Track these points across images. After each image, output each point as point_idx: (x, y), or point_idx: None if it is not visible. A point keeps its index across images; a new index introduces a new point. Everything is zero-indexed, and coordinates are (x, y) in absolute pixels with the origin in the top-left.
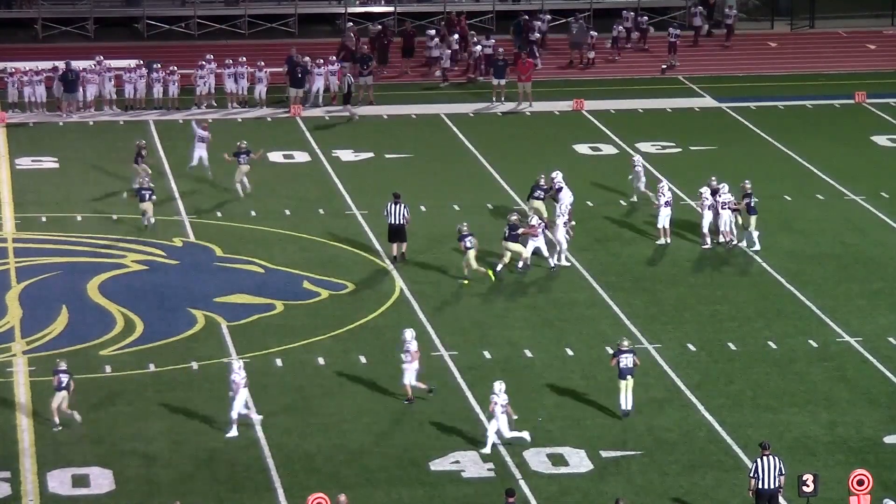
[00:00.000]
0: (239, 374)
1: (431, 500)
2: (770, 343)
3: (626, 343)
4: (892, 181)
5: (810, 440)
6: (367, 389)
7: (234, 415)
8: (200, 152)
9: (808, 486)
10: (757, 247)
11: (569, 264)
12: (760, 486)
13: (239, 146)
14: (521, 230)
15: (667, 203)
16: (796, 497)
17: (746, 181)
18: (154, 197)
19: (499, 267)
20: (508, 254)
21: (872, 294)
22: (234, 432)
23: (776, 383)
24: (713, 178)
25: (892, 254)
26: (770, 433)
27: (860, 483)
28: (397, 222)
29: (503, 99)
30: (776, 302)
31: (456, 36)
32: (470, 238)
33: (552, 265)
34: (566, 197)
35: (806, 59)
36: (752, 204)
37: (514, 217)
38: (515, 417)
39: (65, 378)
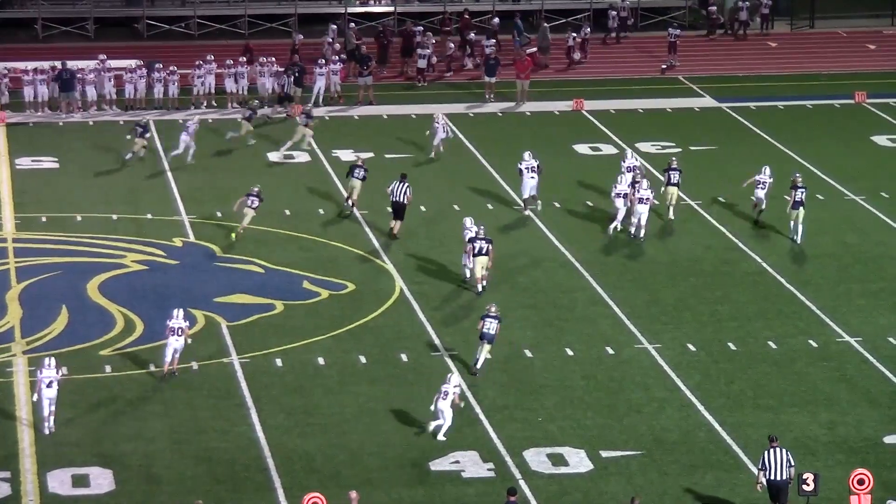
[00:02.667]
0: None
1: (431, 500)
2: (770, 343)
3: (493, 309)
4: (892, 181)
5: (810, 440)
6: (367, 389)
7: None
8: (187, 141)
9: (808, 484)
10: (799, 240)
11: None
12: (770, 478)
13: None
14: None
15: (643, 200)
16: (797, 496)
17: (797, 174)
18: (148, 135)
19: (474, 283)
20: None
21: (872, 294)
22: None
23: (776, 383)
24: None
25: (892, 254)
26: (770, 433)
27: (860, 482)
28: (399, 200)
29: (492, 97)
30: (776, 302)
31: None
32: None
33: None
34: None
35: (806, 59)
36: (801, 198)
37: (476, 229)
38: (461, 405)
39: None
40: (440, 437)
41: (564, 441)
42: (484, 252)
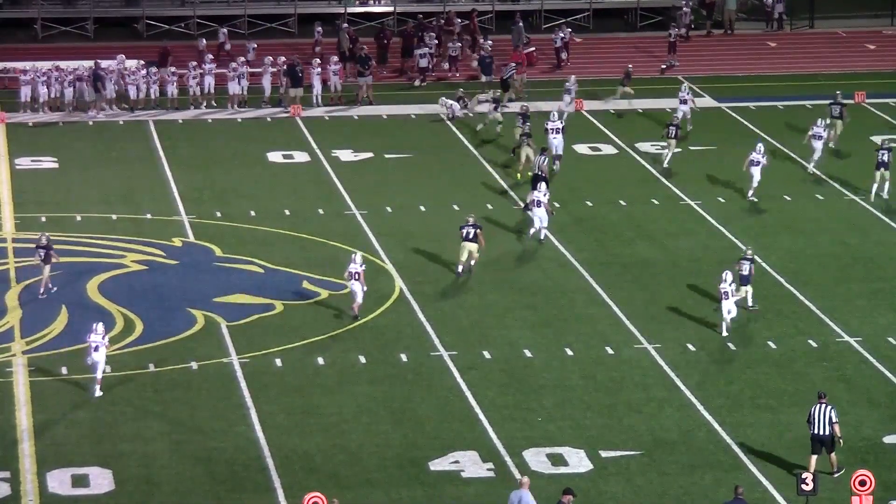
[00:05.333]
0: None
1: (431, 500)
2: (770, 343)
3: (471, 219)
4: (892, 181)
5: (810, 440)
6: (367, 389)
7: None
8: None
9: (807, 484)
10: (885, 196)
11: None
12: (814, 432)
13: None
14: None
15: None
16: (795, 496)
17: (885, 138)
18: None
19: (460, 269)
20: (465, 252)
21: (872, 294)
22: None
23: (776, 383)
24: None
25: (892, 254)
26: (770, 433)
27: (862, 483)
28: (538, 172)
29: (491, 95)
30: (776, 302)
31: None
32: (474, 230)
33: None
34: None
35: (806, 59)
36: (884, 159)
37: (471, 219)
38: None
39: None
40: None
41: (564, 441)
42: (471, 237)
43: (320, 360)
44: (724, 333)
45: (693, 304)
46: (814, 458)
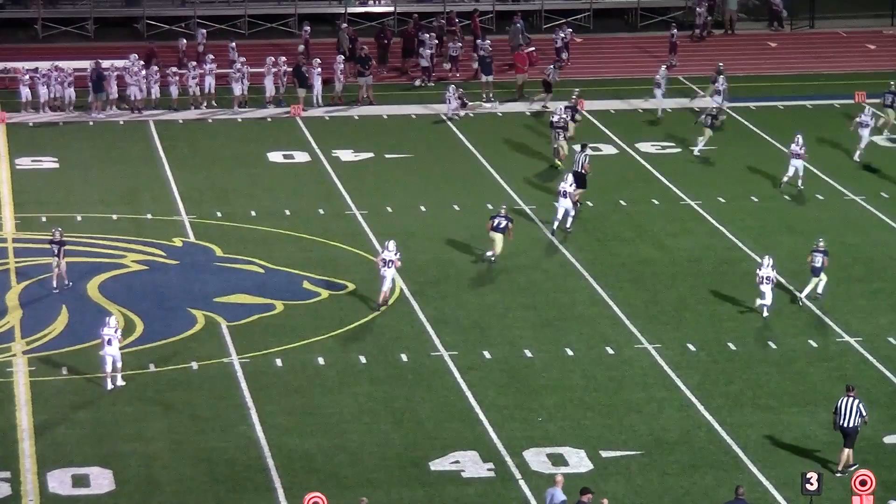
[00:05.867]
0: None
1: (431, 500)
2: (770, 343)
3: (503, 210)
4: (892, 181)
5: (810, 440)
6: (367, 389)
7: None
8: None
9: (811, 484)
10: None
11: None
12: (842, 424)
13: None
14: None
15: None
16: (799, 495)
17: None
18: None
19: (492, 258)
20: (497, 243)
21: (872, 294)
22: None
23: (776, 383)
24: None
25: (892, 254)
26: (770, 433)
27: (863, 483)
28: (578, 169)
29: (491, 96)
30: (776, 302)
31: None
32: (506, 221)
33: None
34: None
35: (806, 59)
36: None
37: (503, 210)
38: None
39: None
40: None
41: (564, 441)
42: (500, 228)
43: (320, 360)
44: (765, 314)
45: (693, 304)
46: (846, 451)
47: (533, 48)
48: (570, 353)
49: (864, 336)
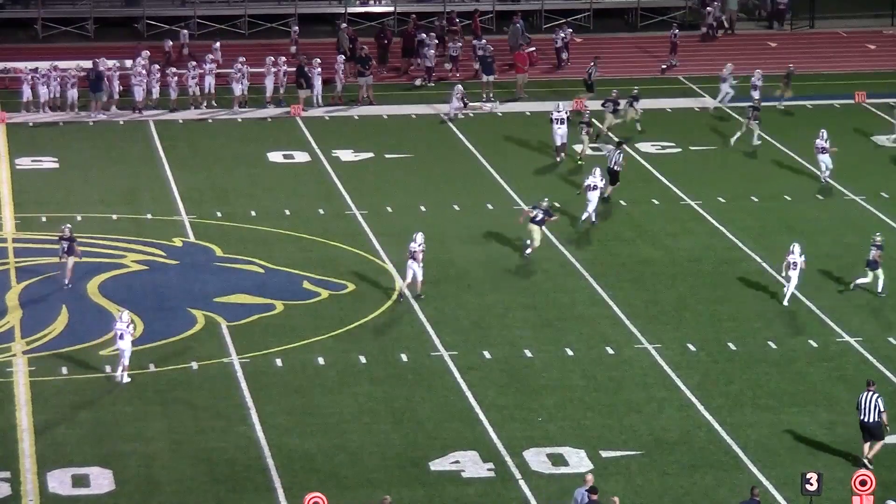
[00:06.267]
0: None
1: (431, 500)
2: (770, 343)
3: (544, 203)
4: (892, 181)
5: (810, 440)
6: (367, 389)
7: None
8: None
9: (811, 484)
10: None
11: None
12: (862, 419)
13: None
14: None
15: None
16: (799, 495)
17: None
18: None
19: (528, 251)
20: (535, 235)
21: (872, 294)
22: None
23: (776, 383)
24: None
25: (892, 254)
26: (770, 433)
27: (863, 483)
28: (612, 166)
29: (491, 96)
30: (776, 302)
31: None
32: (544, 214)
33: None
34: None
35: (806, 59)
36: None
37: (545, 203)
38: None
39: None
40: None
41: (564, 441)
42: (538, 221)
43: (320, 360)
44: (785, 303)
45: (693, 304)
46: (866, 445)
47: (533, 48)
48: (570, 353)
49: (864, 336)
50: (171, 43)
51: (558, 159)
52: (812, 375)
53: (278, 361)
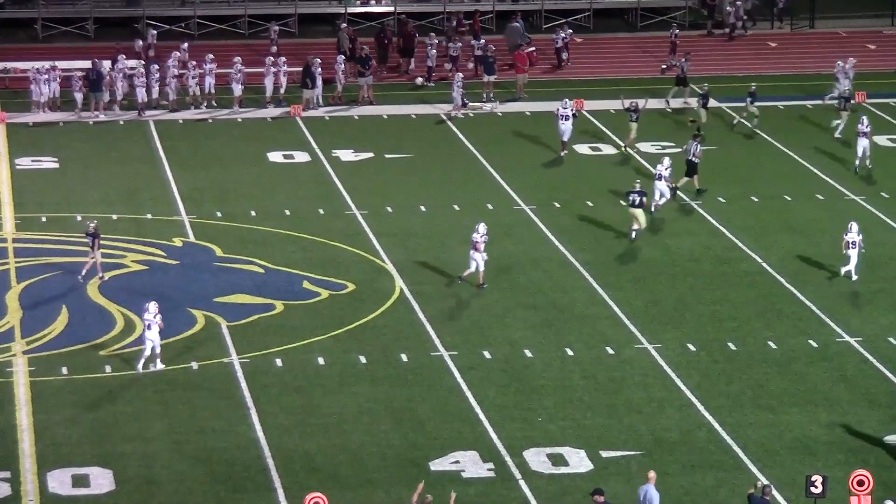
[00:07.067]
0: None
1: (432, 500)
2: (770, 343)
3: (638, 185)
4: (892, 181)
5: (810, 440)
6: (367, 389)
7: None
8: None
9: (816, 487)
10: None
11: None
12: None
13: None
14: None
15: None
16: (800, 496)
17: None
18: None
19: (633, 234)
20: (634, 219)
21: (872, 294)
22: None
23: (776, 383)
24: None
25: (892, 254)
26: (770, 433)
27: (860, 483)
28: (691, 158)
29: (491, 96)
30: (776, 302)
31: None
32: (639, 196)
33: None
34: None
35: (806, 59)
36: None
37: (638, 185)
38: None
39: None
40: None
41: (564, 441)
42: (637, 204)
43: (320, 360)
44: (854, 278)
45: (693, 304)
46: None
47: (533, 48)
48: (570, 353)
49: (864, 336)
50: (141, 43)
51: (562, 154)
52: (812, 375)
53: (278, 361)
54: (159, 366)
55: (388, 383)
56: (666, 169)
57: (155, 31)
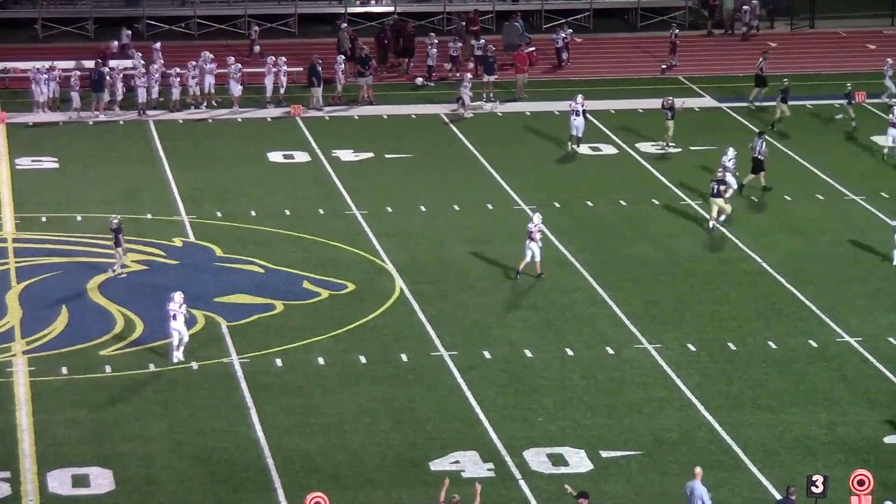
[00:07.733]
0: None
1: (432, 500)
2: (770, 343)
3: (719, 173)
4: (892, 181)
5: (810, 440)
6: (367, 389)
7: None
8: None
9: (817, 486)
10: None
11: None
12: None
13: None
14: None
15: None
16: (804, 497)
17: None
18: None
19: (710, 224)
20: (715, 208)
21: (872, 294)
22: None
23: (776, 383)
24: None
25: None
26: (770, 433)
27: (861, 483)
28: (757, 155)
29: (491, 96)
30: (776, 302)
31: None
32: (719, 185)
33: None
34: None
35: (806, 59)
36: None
37: (719, 174)
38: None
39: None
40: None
41: (564, 441)
42: (715, 193)
43: (320, 360)
44: (895, 263)
45: (693, 304)
46: None
47: (533, 48)
48: (570, 353)
49: (864, 336)
50: (116, 43)
51: (570, 149)
52: (812, 375)
53: (278, 361)
54: (180, 357)
55: (388, 383)
56: (730, 160)
57: (129, 31)
